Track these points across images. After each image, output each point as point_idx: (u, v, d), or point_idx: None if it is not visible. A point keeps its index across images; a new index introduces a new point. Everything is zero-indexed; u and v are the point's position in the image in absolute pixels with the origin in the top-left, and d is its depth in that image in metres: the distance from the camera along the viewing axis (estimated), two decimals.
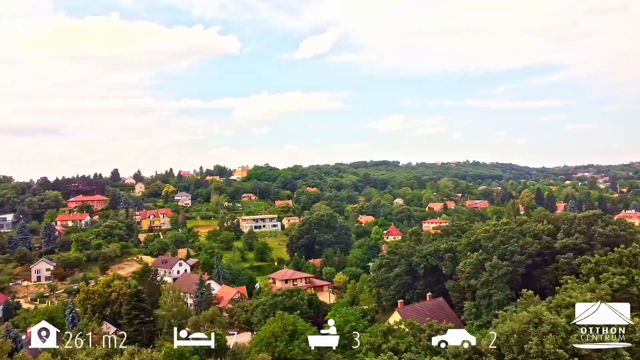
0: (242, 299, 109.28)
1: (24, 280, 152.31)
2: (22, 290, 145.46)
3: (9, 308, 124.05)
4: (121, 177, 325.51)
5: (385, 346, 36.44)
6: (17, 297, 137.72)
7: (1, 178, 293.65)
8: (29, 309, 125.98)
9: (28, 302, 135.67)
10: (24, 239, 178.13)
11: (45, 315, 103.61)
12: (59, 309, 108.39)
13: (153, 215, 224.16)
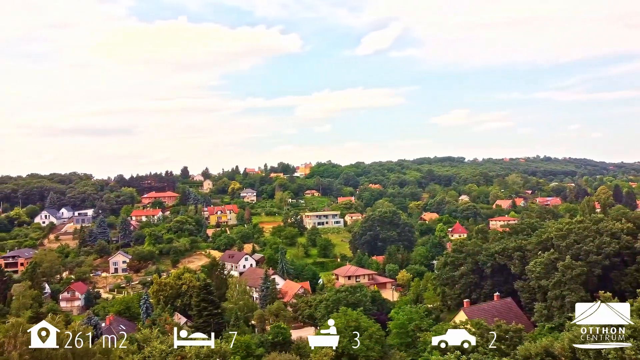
0: (306, 294, 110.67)
1: (103, 272, 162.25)
2: (101, 281, 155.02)
3: (90, 297, 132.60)
4: (190, 175, 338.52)
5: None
6: (97, 287, 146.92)
7: (82, 176, 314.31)
8: (107, 298, 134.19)
9: (107, 292, 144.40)
10: (102, 233, 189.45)
11: (122, 305, 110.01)
12: (134, 299, 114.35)
13: (220, 211, 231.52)
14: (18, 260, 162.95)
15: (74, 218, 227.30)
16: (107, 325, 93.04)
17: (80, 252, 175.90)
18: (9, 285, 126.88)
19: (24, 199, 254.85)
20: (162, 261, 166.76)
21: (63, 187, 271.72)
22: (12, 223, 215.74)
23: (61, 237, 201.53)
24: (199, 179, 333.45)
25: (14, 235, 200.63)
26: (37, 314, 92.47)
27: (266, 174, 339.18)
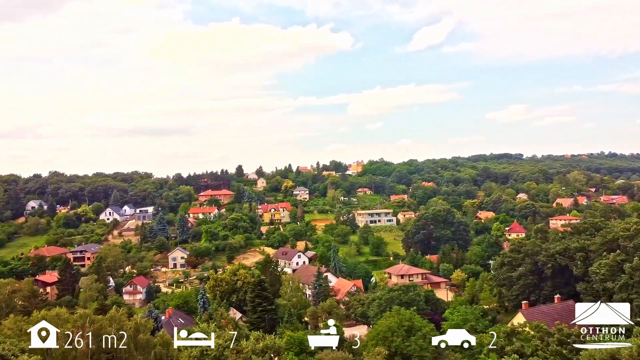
0: (359, 292, 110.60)
1: (163, 267, 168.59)
2: (161, 276, 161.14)
3: (151, 291, 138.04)
4: (245, 173, 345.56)
5: (508, 348, 34.73)
6: (157, 282, 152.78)
7: (143, 174, 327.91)
8: (167, 292, 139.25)
9: (166, 286, 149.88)
10: (162, 229, 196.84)
11: (181, 299, 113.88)
12: (192, 294, 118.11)
13: (274, 209, 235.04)
14: (85, 254, 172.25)
15: (135, 215, 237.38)
16: (166, 318, 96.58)
17: (142, 248, 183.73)
18: (77, 278, 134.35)
19: (90, 196, 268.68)
20: (218, 257, 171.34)
21: (125, 186, 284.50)
22: (80, 219, 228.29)
23: (124, 233, 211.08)
24: (253, 177, 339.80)
25: (81, 231, 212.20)
26: (103, 306, 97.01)
27: (318, 172, 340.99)
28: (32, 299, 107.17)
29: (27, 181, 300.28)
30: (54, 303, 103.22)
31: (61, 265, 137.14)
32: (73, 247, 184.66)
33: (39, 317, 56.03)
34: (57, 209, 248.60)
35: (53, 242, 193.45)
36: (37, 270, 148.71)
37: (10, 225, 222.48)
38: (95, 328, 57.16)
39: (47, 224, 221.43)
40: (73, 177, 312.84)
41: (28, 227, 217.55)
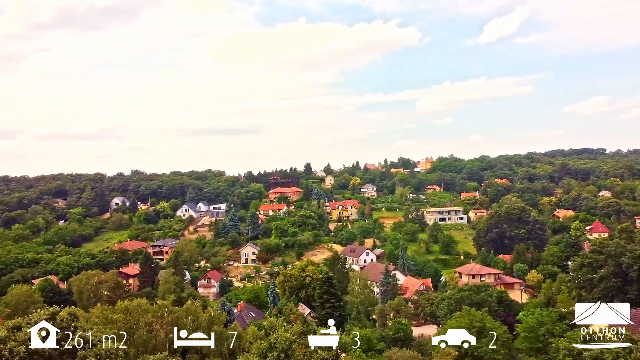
0: (427, 291, 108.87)
1: (235, 262, 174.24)
2: (233, 270, 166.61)
3: (224, 285, 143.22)
4: (313, 171, 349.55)
5: (586, 353, 32.99)
6: (230, 276, 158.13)
7: (216, 173, 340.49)
8: (239, 286, 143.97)
9: (238, 280, 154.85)
10: (234, 226, 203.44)
11: (252, 294, 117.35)
12: (262, 289, 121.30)
13: (341, 206, 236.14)
14: (163, 249, 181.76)
15: (209, 212, 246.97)
16: (238, 311, 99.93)
17: (215, 243, 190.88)
18: (157, 271, 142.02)
19: (167, 194, 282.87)
20: (287, 253, 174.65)
21: (200, 183, 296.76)
22: (158, 215, 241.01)
23: (199, 229, 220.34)
24: (321, 174, 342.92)
25: (160, 227, 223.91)
26: (180, 298, 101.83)
27: (386, 169, 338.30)
28: (116, 290, 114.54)
29: (111, 179, 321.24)
30: (136, 294, 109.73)
31: (142, 258, 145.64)
32: (152, 241, 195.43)
33: (123, 307, 60.08)
34: (138, 206, 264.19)
35: (135, 236, 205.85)
36: (120, 263, 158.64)
37: (97, 220, 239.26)
38: (173, 318, 60.44)
39: (129, 219, 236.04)
40: (152, 176, 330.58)
41: (112, 223, 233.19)
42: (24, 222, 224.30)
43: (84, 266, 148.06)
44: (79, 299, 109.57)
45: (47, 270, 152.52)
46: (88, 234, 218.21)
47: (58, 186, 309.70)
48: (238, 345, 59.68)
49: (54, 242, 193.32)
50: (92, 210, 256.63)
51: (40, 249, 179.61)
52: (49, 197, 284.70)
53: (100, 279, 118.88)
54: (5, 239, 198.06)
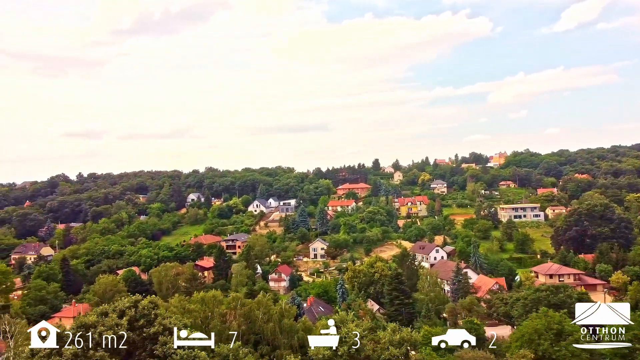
0: (501, 291, 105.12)
1: (304, 257, 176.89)
2: (302, 265, 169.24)
3: (294, 279, 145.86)
4: (381, 167, 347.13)
5: None
6: (299, 271, 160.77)
7: (286, 169, 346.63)
8: (308, 281, 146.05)
9: (307, 275, 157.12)
10: (303, 221, 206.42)
11: (321, 289, 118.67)
12: (331, 284, 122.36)
13: (410, 203, 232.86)
14: (236, 243, 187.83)
15: (279, 207, 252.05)
16: (308, 306, 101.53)
17: (285, 238, 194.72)
18: (230, 265, 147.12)
19: (239, 190, 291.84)
20: (355, 249, 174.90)
21: (270, 180, 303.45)
22: (231, 211, 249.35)
23: (269, 224, 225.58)
24: (389, 170, 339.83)
25: (233, 222, 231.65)
26: (252, 291, 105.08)
27: (457, 165, 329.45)
28: (193, 281, 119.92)
29: (187, 176, 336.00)
30: (211, 286, 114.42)
31: (216, 252, 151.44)
32: (226, 236, 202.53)
33: (199, 298, 62.84)
34: (212, 201, 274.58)
35: (209, 231, 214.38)
36: (196, 256, 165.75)
37: (175, 215, 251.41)
38: (245, 310, 62.48)
39: (204, 214, 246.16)
40: (225, 172, 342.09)
41: (188, 217, 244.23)
42: (109, 216, 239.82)
43: (163, 258, 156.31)
44: (158, 289, 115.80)
45: (130, 261, 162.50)
46: (166, 228, 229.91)
47: (139, 183, 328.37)
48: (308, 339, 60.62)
49: (136, 235, 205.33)
50: (170, 206, 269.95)
51: (124, 241, 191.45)
52: (131, 193, 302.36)
53: (178, 270, 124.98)
54: (93, 232, 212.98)
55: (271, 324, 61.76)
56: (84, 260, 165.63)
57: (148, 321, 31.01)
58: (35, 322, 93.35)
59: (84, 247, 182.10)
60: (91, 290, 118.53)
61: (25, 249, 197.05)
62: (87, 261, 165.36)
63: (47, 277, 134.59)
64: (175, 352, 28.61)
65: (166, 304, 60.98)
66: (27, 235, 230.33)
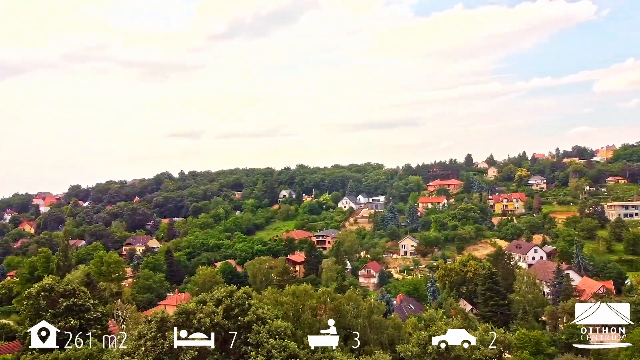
0: (609, 295, 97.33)
1: (394, 254, 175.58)
2: (392, 262, 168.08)
3: (383, 276, 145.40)
4: (474, 162, 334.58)
5: None
6: (389, 268, 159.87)
7: (375, 165, 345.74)
8: (397, 278, 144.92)
9: (397, 272, 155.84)
10: (393, 218, 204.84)
11: (411, 286, 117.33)
12: (421, 282, 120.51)
13: (506, 199, 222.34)
14: (326, 239, 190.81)
15: (368, 204, 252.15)
16: (397, 303, 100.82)
17: (374, 235, 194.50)
18: (320, 260, 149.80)
19: (329, 186, 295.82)
20: (447, 247, 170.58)
21: (359, 176, 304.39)
22: (321, 207, 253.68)
23: (359, 220, 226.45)
24: (483, 166, 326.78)
25: (323, 218, 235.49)
26: (341, 286, 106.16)
27: (558, 159, 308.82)
28: (285, 275, 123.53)
29: (279, 173, 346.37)
30: (302, 280, 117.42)
31: (307, 247, 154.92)
32: (316, 231, 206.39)
33: (290, 291, 64.74)
34: (303, 198, 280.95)
35: (300, 226, 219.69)
36: (288, 251, 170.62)
37: (268, 211, 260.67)
38: (335, 305, 63.42)
39: (295, 210, 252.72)
40: (315, 169, 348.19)
41: (281, 213, 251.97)
42: (208, 211, 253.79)
43: (257, 252, 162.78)
44: (252, 281, 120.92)
45: (226, 254, 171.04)
46: (260, 223, 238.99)
47: (235, 180, 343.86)
48: (397, 336, 60.42)
49: (232, 230, 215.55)
50: (263, 202, 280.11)
51: (221, 235, 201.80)
52: (228, 189, 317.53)
53: (271, 264, 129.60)
54: (193, 226, 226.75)
55: (360, 319, 62.13)
56: (186, 252, 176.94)
57: (242, 310, 32.64)
58: (144, 309, 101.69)
59: (186, 240, 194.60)
60: (192, 280, 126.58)
61: (135, 241, 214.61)
62: (189, 253, 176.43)
63: (153, 267, 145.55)
64: (267, 341, 29.86)
65: (259, 296, 63.49)
66: (136, 228, 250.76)
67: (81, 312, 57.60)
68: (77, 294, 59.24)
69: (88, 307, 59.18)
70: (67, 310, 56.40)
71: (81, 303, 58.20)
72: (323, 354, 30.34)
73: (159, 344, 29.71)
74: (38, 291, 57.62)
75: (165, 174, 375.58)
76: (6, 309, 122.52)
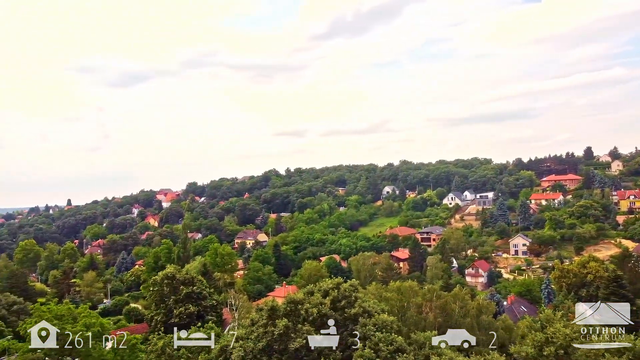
0: None
1: (504, 253, 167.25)
2: (502, 261, 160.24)
3: (492, 276, 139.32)
4: (595, 155, 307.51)
5: None
6: (498, 267, 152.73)
7: (482, 160, 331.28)
8: (508, 278, 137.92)
9: (507, 272, 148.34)
10: (502, 215, 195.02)
11: (523, 287, 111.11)
12: (534, 283, 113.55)
13: (633, 196, 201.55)
14: (430, 236, 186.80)
15: (475, 200, 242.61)
16: (508, 304, 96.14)
17: (482, 233, 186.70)
18: (424, 257, 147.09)
19: (433, 182, 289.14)
20: (563, 247, 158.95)
21: (466, 172, 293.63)
22: (425, 203, 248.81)
23: (465, 217, 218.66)
24: (605, 159, 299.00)
25: (427, 214, 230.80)
26: (447, 284, 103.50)
27: None
28: (389, 271, 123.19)
29: (382, 169, 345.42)
30: (406, 277, 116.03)
31: (411, 244, 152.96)
32: (420, 228, 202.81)
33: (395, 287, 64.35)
34: (407, 194, 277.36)
35: (404, 222, 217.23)
36: (392, 247, 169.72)
37: (371, 207, 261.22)
38: (441, 303, 61.94)
39: (398, 206, 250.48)
40: (419, 165, 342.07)
41: (384, 209, 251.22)
42: (313, 207, 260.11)
43: (360, 248, 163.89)
44: (357, 277, 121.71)
45: (331, 249, 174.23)
46: (363, 219, 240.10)
47: (338, 176, 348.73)
48: (508, 338, 57.64)
49: (336, 226, 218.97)
50: (366, 198, 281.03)
51: (325, 231, 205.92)
52: (331, 185, 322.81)
53: (375, 260, 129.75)
54: (299, 221, 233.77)
55: (468, 319, 60.06)
56: (292, 246, 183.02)
57: (349, 302, 33.10)
58: (254, 299, 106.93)
59: (292, 235, 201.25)
60: (298, 274, 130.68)
61: (245, 235, 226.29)
62: (295, 247, 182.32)
63: (262, 260, 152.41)
64: (374, 334, 29.98)
65: (364, 290, 63.88)
66: (246, 222, 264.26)
67: (199, 299, 62.17)
68: (195, 282, 63.97)
69: (205, 295, 63.69)
70: (187, 297, 61.15)
71: (199, 291, 62.80)
72: (431, 350, 29.79)
73: (270, 331, 31.13)
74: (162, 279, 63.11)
75: (272, 171, 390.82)
76: (135, 294, 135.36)
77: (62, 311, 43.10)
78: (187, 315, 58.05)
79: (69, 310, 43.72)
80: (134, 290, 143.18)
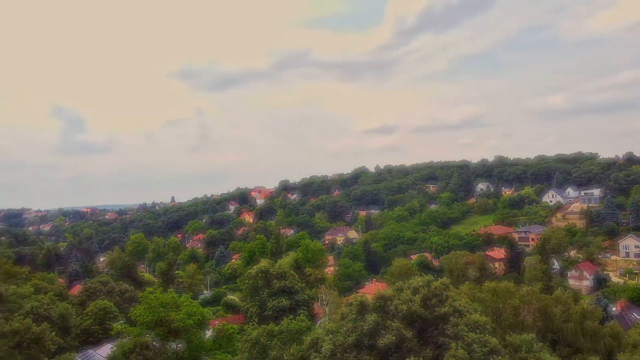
0: None
1: (612, 255, 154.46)
2: (610, 264, 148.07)
3: (599, 279, 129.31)
4: None
5: None
6: (606, 270, 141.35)
7: (587, 155, 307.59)
8: (617, 282, 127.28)
9: (617, 276, 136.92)
10: (611, 214, 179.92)
11: (635, 293, 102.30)
12: None
13: None
14: (529, 235, 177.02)
15: (579, 198, 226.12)
16: (618, 310, 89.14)
17: (588, 233, 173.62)
18: (522, 257, 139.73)
19: (532, 179, 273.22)
20: None
21: (568, 167, 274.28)
22: (523, 201, 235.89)
23: (567, 216, 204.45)
24: None
25: (525, 212, 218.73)
26: (547, 286, 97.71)
27: None
28: (483, 271, 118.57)
29: (475, 166, 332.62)
30: (501, 277, 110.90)
31: (507, 243, 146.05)
32: (517, 227, 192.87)
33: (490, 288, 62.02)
34: (502, 191, 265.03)
35: (499, 221, 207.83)
36: (486, 246, 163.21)
37: (464, 205, 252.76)
38: (541, 305, 58.73)
39: (493, 204, 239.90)
40: (516, 161, 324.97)
41: (477, 207, 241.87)
42: (403, 204, 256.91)
43: (452, 246, 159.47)
44: (449, 276, 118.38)
45: (422, 247, 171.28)
46: (455, 217, 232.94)
47: (429, 173, 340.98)
48: (617, 346, 53.51)
49: (426, 223, 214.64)
50: (458, 195, 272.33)
51: (416, 228, 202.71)
52: (422, 183, 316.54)
53: (468, 259, 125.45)
54: (389, 218, 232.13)
55: (571, 324, 56.46)
56: (382, 244, 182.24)
57: (439, 301, 32.47)
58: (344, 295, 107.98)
59: (382, 232, 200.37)
60: (388, 271, 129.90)
61: (336, 232, 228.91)
62: (385, 245, 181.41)
63: (352, 256, 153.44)
64: (466, 334, 29.19)
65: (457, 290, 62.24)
66: (336, 219, 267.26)
67: (291, 293, 64.12)
68: (287, 277, 66.05)
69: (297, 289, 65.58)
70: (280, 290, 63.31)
71: (291, 285, 64.77)
72: (528, 354, 28.46)
73: (359, 326, 31.44)
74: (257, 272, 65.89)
75: (362, 168, 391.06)
76: (232, 286, 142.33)
77: (167, 299, 46.61)
78: (280, 309, 60.13)
79: (173, 299, 47.17)
80: (231, 282, 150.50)
